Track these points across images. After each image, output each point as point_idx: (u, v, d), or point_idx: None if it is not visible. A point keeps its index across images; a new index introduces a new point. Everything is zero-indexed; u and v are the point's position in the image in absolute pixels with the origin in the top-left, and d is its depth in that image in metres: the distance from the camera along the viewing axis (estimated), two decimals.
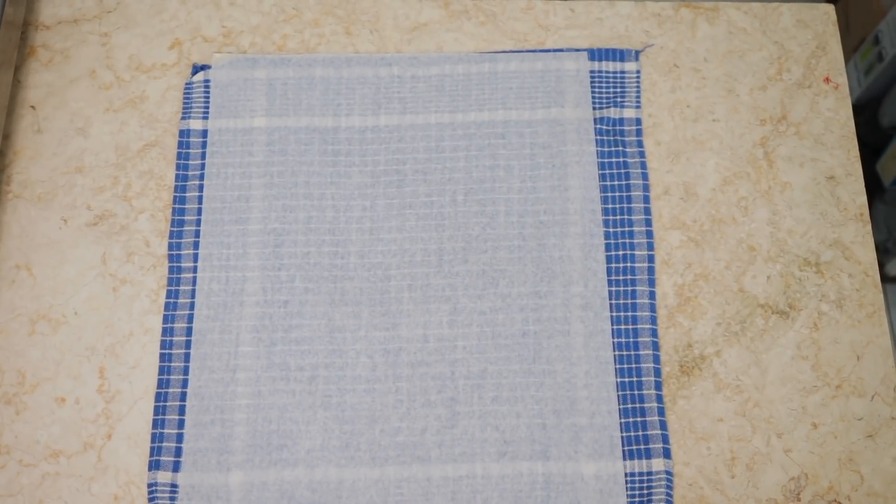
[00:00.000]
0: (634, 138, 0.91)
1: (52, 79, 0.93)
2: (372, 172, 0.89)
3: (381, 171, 0.89)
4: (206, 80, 0.92)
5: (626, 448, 0.80)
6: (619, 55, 0.94)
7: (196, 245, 0.87)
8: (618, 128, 0.91)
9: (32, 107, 0.92)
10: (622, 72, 0.93)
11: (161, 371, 0.83)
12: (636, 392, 0.82)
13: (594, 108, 0.92)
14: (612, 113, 0.91)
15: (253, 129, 0.90)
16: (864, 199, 0.90)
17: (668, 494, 0.79)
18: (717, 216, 0.89)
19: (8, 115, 0.91)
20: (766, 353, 0.84)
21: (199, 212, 0.88)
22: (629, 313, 0.84)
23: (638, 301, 0.85)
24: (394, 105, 0.91)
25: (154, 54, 0.94)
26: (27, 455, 0.80)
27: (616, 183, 0.89)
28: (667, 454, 0.80)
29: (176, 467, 0.80)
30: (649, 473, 0.80)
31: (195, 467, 0.80)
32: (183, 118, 0.91)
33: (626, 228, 0.87)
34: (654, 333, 0.84)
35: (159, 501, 0.78)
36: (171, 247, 0.87)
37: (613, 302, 0.85)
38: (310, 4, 0.96)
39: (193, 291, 0.85)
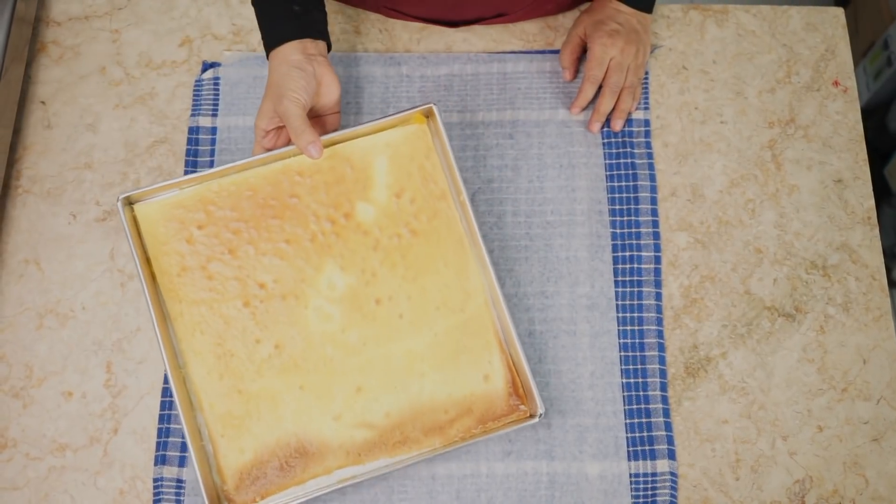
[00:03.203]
0: (642, 139, 0.91)
1: (63, 75, 0.94)
2: None
3: None
4: (216, 78, 0.92)
5: (630, 449, 0.80)
6: None
7: None
8: (626, 129, 0.91)
9: (43, 102, 0.93)
10: None
11: None
12: (641, 393, 0.82)
13: None
14: None
15: None
16: (871, 202, 0.89)
17: (673, 495, 0.79)
18: (724, 218, 0.89)
19: (18, 111, 0.92)
20: (772, 356, 0.84)
21: None
22: (635, 314, 0.84)
23: (644, 302, 0.85)
24: (402, 104, 0.91)
25: (164, 51, 0.95)
26: (34, 448, 0.81)
27: (623, 184, 0.89)
28: (671, 455, 0.80)
29: (182, 462, 0.80)
30: (654, 474, 0.80)
31: None
32: (192, 115, 0.91)
33: (633, 230, 0.87)
34: (660, 335, 0.84)
35: (165, 496, 0.79)
36: None
37: (619, 303, 0.85)
38: None
39: None
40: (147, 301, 0.76)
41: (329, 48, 0.81)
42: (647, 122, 0.91)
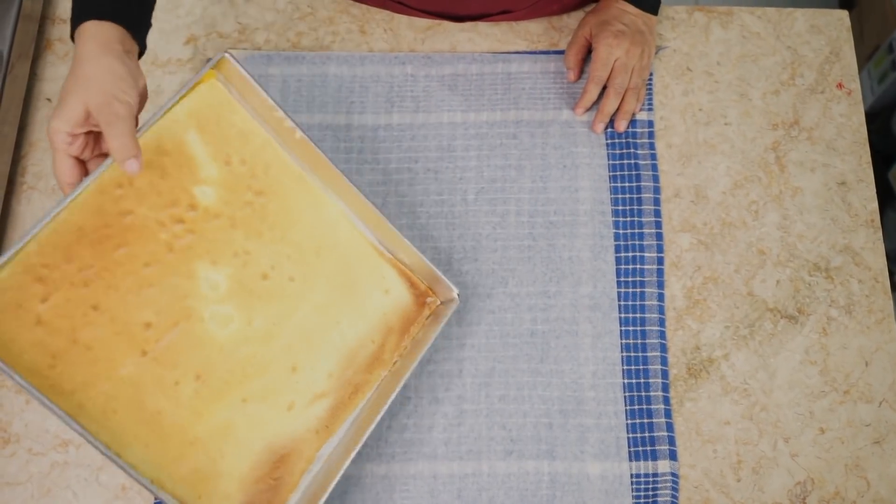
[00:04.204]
0: (646, 140, 0.91)
1: (68, 72, 0.94)
2: (384, 170, 0.89)
3: (392, 168, 0.89)
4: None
5: (632, 449, 0.80)
6: None
7: None
8: (630, 130, 0.91)
9: (48, 99, 0.93)
10: None
11: None
12: (643, 393, 0.82)
13: None
14: None
15: None
16: (875, 205, 0.89)
17: (674, 496, 0.79)
18: (727, 219, 0.89)
19: (24, 108, 0.92)
20: (774, 357, 0.84)
21: None
22: (637, 315, 0.84)
23: (646, 303, 0.85)
24: (407, 104, 0.92)
25: (169, 49, 0.95)
26: (36, 444, 0.81)
27: (627, 185, 0.89)
28: (673, 456, 0.80)
29: None
30: (655, 475, 0.80)
31: None
32: None
33: (636, 230, 0.87)
34: (663, 335, 0.84)
35: None
36: None
37: (622, 303, 0.85)
38: (325, 3, 0.97)
39: None
40: (52, 409, 0.63)
41: (140, 57, 0.71)
42: (650, 123, 0.91)
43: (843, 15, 0.98)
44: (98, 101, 0.62)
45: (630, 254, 0.86)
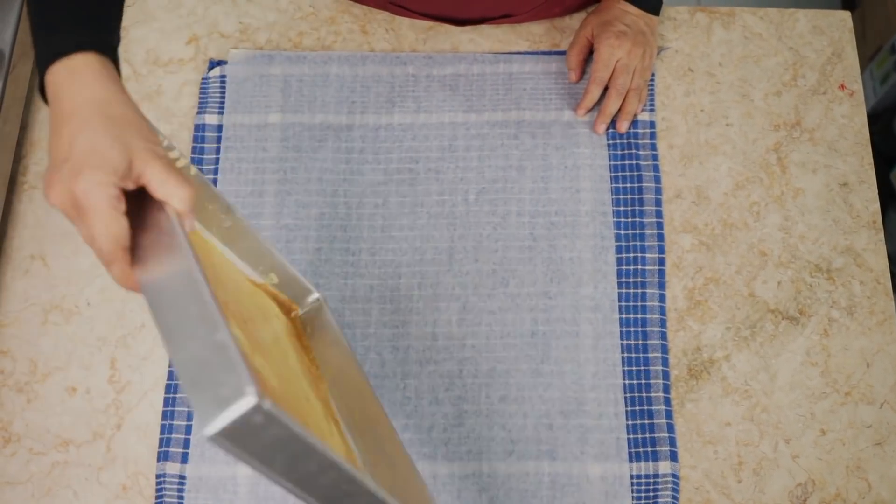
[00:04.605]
0: (648, 141, 0.91)
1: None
2: (385, 170, 0.89)
3: (393, 168, 0.89)
4: (222, 76, 0.93)
5: (632, 450, 0.80)
6: None
7: None
8: (631, 130, 0.91)
9: None
10: None
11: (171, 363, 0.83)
12: (644, 394, 0.82)
13: None
14: None
15: (267, 125, 0.91)
16: (877, 206, 0.89)
17: (674, 497, 0.79)
18: (728, 220, 0.89)
19: (25, 107, 0.92)
20: (776, 359, 0.84)
21: None
22: (638, 316, 0.84)
23: (648, 304, 0.85)
24: (408, 104, 0.92)
25: (171, 49, 0.95)
26: (37, 443, 0.81)
27: (628, 185, 0.89)
28: (673, 457, 0.80)
29: (184, 459, 0.80)
30: (655, 476, 0.80)
31: (203, 459, 0.80)
32: (198, 113, 0.91)
33: (638, 231, 0.87)
34: (664, 336, 0.84)
35: (167, 492, 0.79)
36: None
37: (623, 304, 0.85)
38: (326, 2, 0.97)
39: None
40: None
41: None
42: (652, 124, 0.91)
43: (846, 16, 0.97)
44: (144, 149, 0.52)
45: (631, 254, 0.86)
